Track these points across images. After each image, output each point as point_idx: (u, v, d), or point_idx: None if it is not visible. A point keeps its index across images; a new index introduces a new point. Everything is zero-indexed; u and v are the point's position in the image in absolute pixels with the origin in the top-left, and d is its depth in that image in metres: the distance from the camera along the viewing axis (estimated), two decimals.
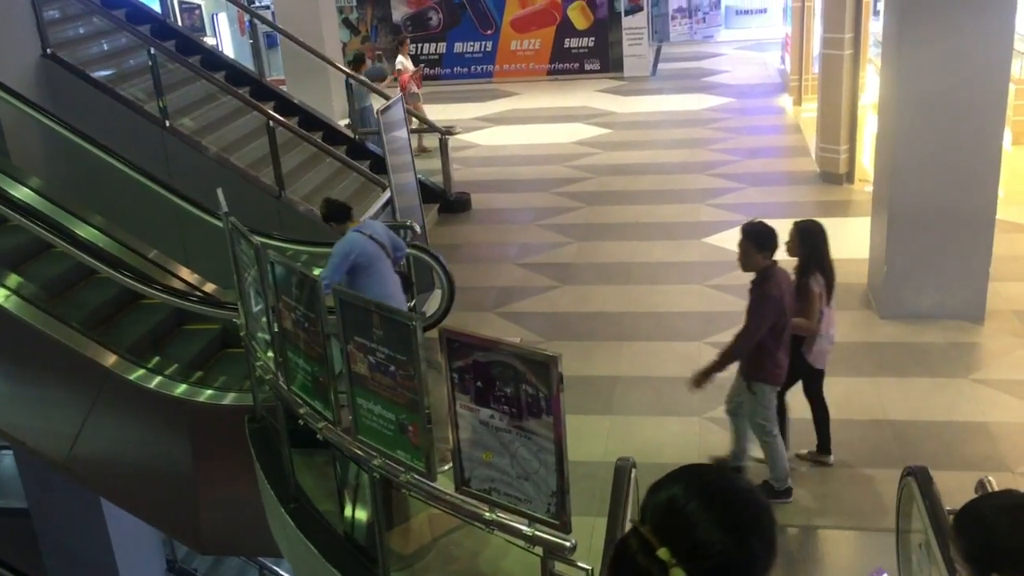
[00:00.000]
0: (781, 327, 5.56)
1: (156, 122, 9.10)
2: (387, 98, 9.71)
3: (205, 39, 15.89)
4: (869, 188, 10.89)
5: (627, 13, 18.03)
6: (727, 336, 7.80)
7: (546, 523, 4.01)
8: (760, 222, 5.62)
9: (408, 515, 5.58)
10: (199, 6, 19.70)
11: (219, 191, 6.15)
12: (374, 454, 4.65)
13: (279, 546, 6.13)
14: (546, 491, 4.01)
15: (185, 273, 8.32)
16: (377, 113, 7.96)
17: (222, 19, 19.04)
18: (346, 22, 19.22)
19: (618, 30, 18.40)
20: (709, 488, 1.50)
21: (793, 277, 5.76)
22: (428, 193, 11.31)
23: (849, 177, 11.21)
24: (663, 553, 1.41)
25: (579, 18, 18.52)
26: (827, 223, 10.12)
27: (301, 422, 5.27)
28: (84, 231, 8.12)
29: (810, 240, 5.85)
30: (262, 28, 19.28)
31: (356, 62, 13.29)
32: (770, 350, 5.58)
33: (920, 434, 6.37)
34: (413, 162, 8.90)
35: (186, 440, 6.96)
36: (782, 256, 5.72)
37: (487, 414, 4.05)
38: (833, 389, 6.98)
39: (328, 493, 5.82)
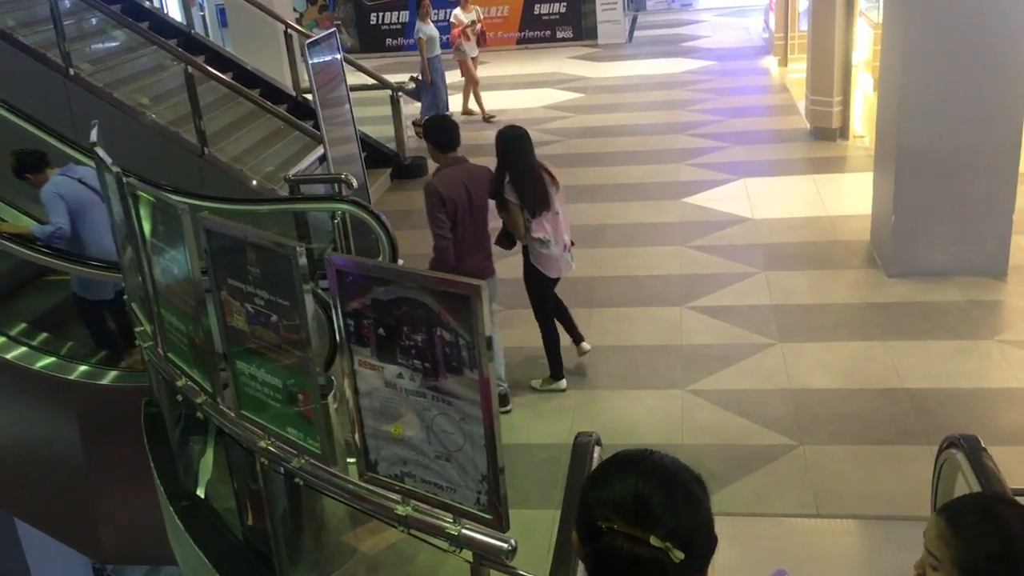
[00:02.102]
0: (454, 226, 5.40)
1: (58, 70, 7.98)
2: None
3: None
4: (866, 142, 9.94)
5: None
6: (711, 300, 6.85)
7: (476, 518, 2.96)
8: (442, 116, 5.64)
9: (322, 510, 4.52)
10: None
11: (93, 124, 5.07)
12: (260, 433, 3.60)
13: (174, 553, 5.06)
14: (474, 475, 2.96)
15: None
16: (305, 46, 6.86)
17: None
18: None
19: None
20: (659, 473, 1.52)
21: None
22: (379, 156, 10.28)
23: (843, 132, 10.20)
24: (656, 541, 1.42)
25: None
26: (822, 180, 9.30)
27: (179, 397, 4.21)
28: None
29: (501, 145, 5.64)
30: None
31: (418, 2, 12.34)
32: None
33: (944, 403, 5.35)
34: (351, 111, 7.80)
35: (75, 427, 5.87)
36: None
37: (394, 372, 3.00)
38: (838, 354, 6.00)
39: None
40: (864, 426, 5.20)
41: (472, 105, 12.95)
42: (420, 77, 11.68)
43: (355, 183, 6.96)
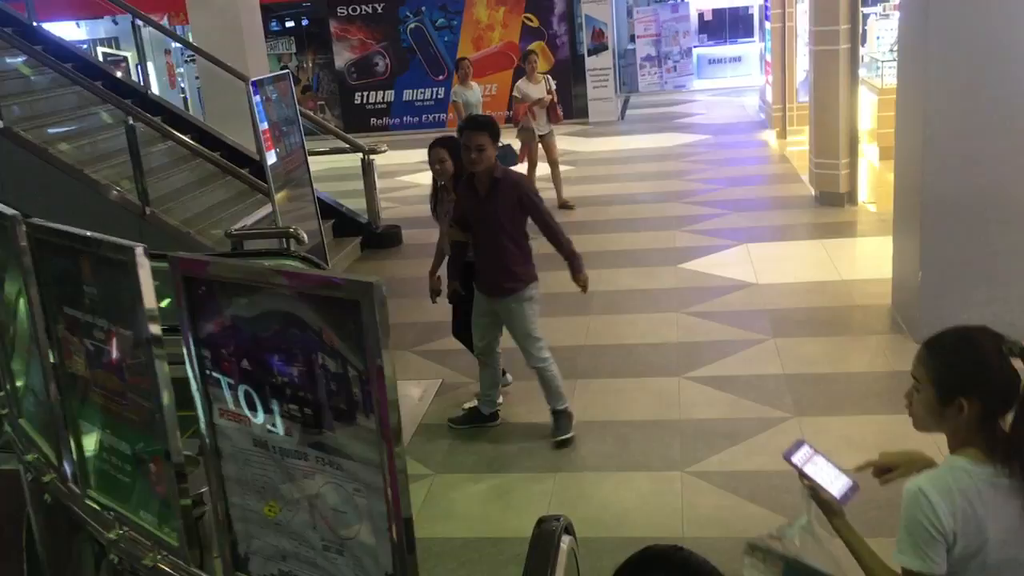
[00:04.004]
0: None
1: None
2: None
3: None
4: (872, 209, 9.20)
5: (591, 52, 16.53)
6: (714, 369, 5.95)
7: None
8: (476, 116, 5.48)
9: None
10: (125, 58, 18.13)
11: None
12: (111, 519, 2.66)
13: None
14: (373, 571, 2.03)
15: None
16: (248, 84, 6.12)
17: (149, 69, 17.40)
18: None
19: (582, 77, 16.87)
20: (687, 570, 1.57)
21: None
22: (349, 225, 9.50)
23: (851, 198, 9.42)
24: None
25: (539, 60, 16.99)
26: (832, 245, 8.41)
27: (29, 476, 3.26)
28: None
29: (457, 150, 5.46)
30: (190, 77, 17.75)
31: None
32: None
33: None
34: (308, 167, 7.02)
35: None
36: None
37: (263, 424, 2.10)
38: (867, 430, 5.06)
39: None
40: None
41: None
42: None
43: (304, 237, 6.15)
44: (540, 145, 10.70)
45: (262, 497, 2.16)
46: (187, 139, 8.55)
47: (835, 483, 2.39)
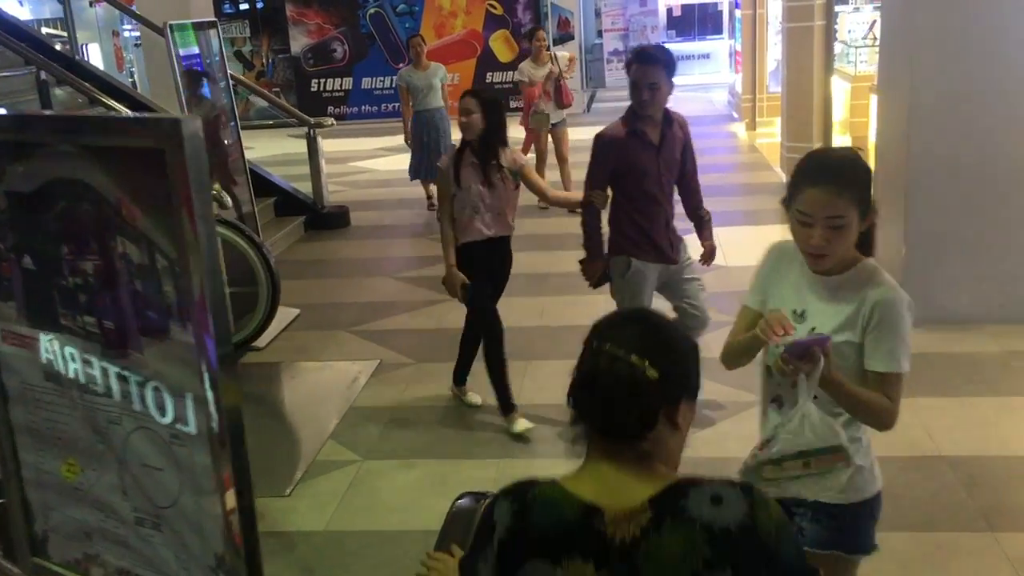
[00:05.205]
0: None
1: None
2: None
3: None
4: None
5: (556, 42, 15.99)
6: None
7: None
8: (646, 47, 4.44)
9: None
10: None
11: None
12: None
13: None
14: (202, 556, 1.44)
15: None
16: (166, 27, 5.50)
17: (93, 50, 16.63)
18: (239, 55, 16.92)
19: None
20: (652, 320, 1.62)
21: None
22: (292, 204, 8.89)
23: None
24: (636, 359, 1.50)
25: (502, 49, 16.47)
26: None
27: None
28: None
29: (494, 105, 4.83)
30: (139, 61, 16.99)
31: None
32: None
33: (999, 475, 3.93)
34: (238, 132, 6.40)
35: None
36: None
37: (51, 345, 1.52)
38: None
39: None
40: (898, 506, 3.70)
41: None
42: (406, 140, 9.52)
43: (228, 201, 5.55)
44: (550, 136, 9.62)
45: (59, 453, 1.58)
46: (115, 103, 7.88)
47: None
